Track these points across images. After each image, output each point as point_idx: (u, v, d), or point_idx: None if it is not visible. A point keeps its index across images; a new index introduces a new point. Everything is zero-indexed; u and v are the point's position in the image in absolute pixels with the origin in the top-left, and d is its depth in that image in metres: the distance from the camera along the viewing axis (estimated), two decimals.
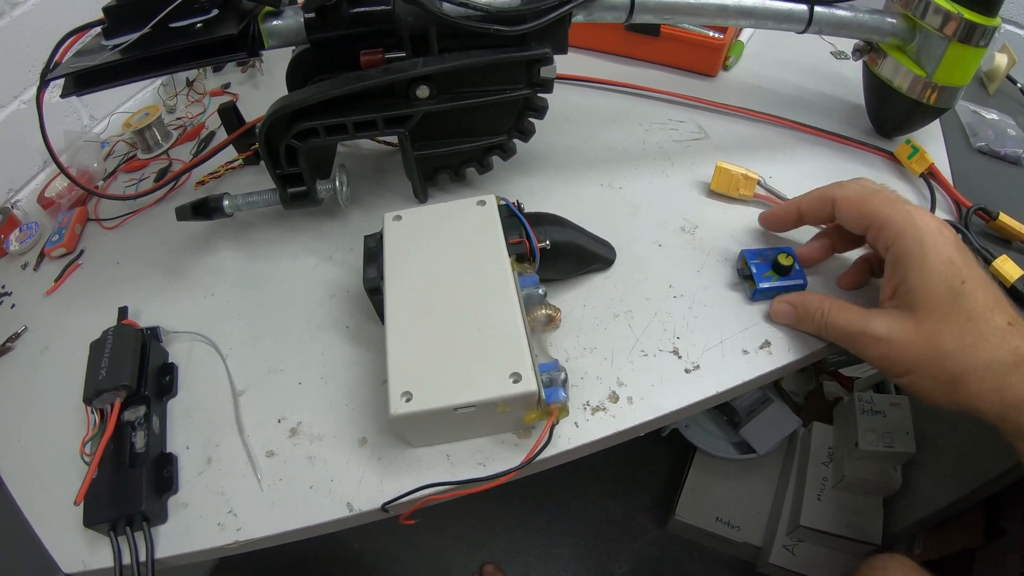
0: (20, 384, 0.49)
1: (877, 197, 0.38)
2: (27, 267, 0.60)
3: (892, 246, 0.36)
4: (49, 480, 0.42)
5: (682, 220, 0.51)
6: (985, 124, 0.62)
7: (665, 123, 0.61)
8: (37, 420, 0.46)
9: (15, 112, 0.66)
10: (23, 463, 0.44)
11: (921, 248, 0.34)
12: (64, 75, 0.45)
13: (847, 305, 0.38)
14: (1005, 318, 0.33)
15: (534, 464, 0.33)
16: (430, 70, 0.42)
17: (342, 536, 1.14)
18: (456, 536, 1.14)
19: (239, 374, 0.44)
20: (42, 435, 0.45)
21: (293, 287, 0.50)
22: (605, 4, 0.45)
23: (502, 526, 1.15)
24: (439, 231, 0.41)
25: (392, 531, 1.15)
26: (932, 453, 0.87)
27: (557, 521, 1.15)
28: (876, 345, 0.35)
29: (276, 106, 0.44)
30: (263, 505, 0.37)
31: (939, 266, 0.33)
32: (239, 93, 0.76)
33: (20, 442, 0.45)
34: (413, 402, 0.32)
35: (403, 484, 0.36)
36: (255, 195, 0.50)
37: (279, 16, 0.44)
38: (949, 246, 0.34)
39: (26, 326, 0.53)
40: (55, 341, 0.51)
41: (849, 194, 0.39)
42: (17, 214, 0.66)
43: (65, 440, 0.43)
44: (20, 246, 0.61)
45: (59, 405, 0.46)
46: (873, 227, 0.37)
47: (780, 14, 0.49)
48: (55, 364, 0.49)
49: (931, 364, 0.33)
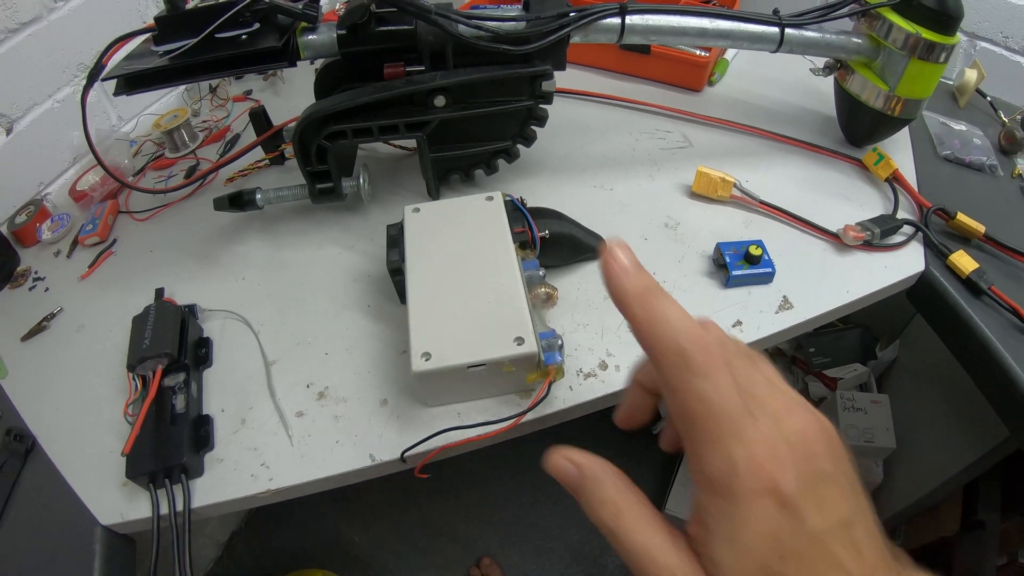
0: (57, 359, 0.53)
1: (711, 395, 0.23)
2: (59, 255, 0.64)
3: (700, 487, 0.23)
4: (85, 443, 0.46)
5: (666, 217, 0.57)
6: (953, 134, 0.67)
7: (653, 133, 0.67)
8: (74, 391, 0.50)
9: (49, 110, 0.70)
10: (61, 429, 0.47)
11: (733, 507, 0.22)
12: (118, 76, 0.49)
13: (648, 514, 0.25)
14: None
15: (536, 421, 0.38)
16: (447, 83, 0.48)
17: (344, 529, 1.17)
18: (453, 530, 1.18)
19: (270, 347, 0.49)
20: (78, 404, 0.49)
21: (319, 272, 0.55)
22: (599, 27, 0.51)
23: (497, 521, 1.18)
24: (453, 221, 0.46)
25: (392, 525, 1.18)
26: (911, 447, 0.92)
27: (550, 516, 1.18)
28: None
29: (310, 110, 0.49)
30: (293, 458, 0.42)
31: (754, 543, 0.22)
32: (261, 99, 0.81)
33: (57, 410, 0.49)
34: (432, 361, 0.37)
35: (419, 437, 0.41)
36: (285, 190, 0.56)
37: (314, 31, 0.49)
38: (768, 514, 0.22)
39: (61, 307, 0.57)
40: (90, 320, 0.55)
41: (678, 384, 0.24)
42: (48, 206, 0.70)
43: (101, 407, 0.47)
44: (52, 235, 0.65)
45: (96, 376, 0.50)
46: (686, 445, 0.24)
47: (754, 35, 0.55)
48: (91, 341, 0.53)
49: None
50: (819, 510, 0.23)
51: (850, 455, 0.24)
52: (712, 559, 0.23)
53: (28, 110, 0.68)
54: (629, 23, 0.51)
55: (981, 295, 0.51)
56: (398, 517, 1.20)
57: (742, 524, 0.22)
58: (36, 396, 0.50)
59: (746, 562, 0.22)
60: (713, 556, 0.23)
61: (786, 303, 0.49)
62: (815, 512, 0.22)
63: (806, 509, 0.22)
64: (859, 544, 0.23)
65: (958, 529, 0.80)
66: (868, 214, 0.56)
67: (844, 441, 0.25)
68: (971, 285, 0.51)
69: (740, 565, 0.22)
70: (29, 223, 0.66)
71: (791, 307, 0.49)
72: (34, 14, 0.66)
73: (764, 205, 0.56)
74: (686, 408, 0.23)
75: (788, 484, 0.22)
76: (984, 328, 0.49)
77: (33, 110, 0.69)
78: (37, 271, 0.63)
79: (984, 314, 0.50)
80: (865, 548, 0.23)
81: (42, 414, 0.48)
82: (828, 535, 0.23)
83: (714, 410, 0.23)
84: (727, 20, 0.53)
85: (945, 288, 0.52)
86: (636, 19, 0.51)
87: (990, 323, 0.49)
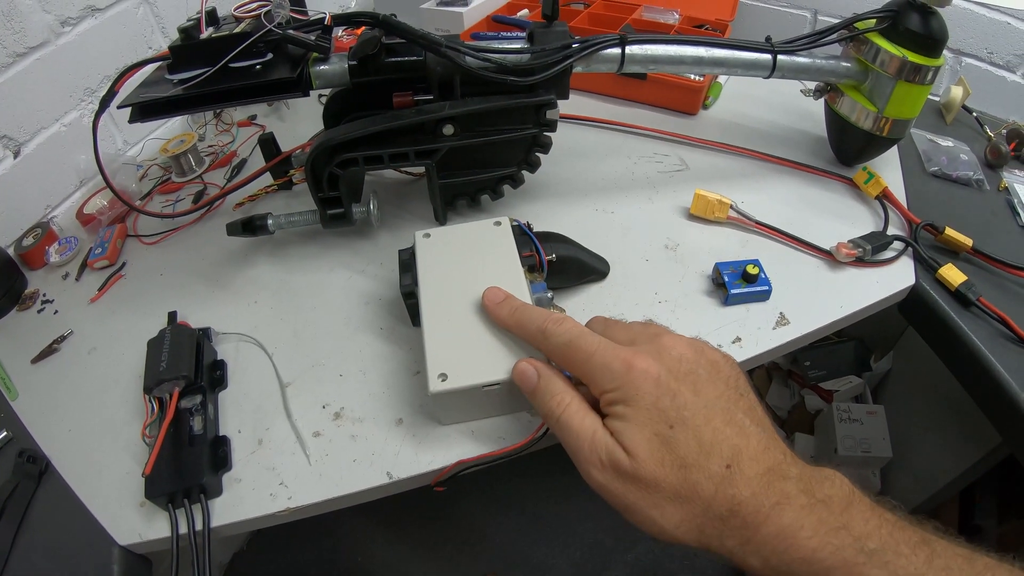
0: (69, 381, 0.53)
1: (578, 352, 0.34)
2: (68, 277, 0.65)
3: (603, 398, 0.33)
4: (101, 464, 0.46)
5: (666, 239, 0.59)
6: (940, 151, 0.70)
7: (651, 156, 0.70)
8: (87, 412, 0.50)
9: (56, 134, 0.71)
10: (75, 451, 0.47)
11: (624, 399, 0.31)
12: (132, 104, 0.50)
13: (581, 407, 0.34)
14: (723, 461, 0.29)
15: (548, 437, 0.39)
16: (455, 112, 0.50)
17: (346, 547, 1.17)
18: (456, 546, 1.18)
19: (285, 369, 0.50)
20: (92, 425, 0.49)
21: (330, 295, 0.56)
22: (600, 57, 0.53)
23: (500, 538, 1.18)
24: (463, 246, 0.48)
25: (394, 542, 1.18)
26: (907, 455, 0.93)
27: (553, 533, 1.19)
28: (598, 471, 0.31)
29: (322, 139, 0.51)
30: (311, 477, 0.43)
31: (643, 415, 0.31)
32: (265, 124, 0.83)
33: (71, 432, 0.49)
34: (448, 381, 0.39)
35: (435, 455, 0.42)
36: (296, 215, 0.57)
37: (325, 62, 0.51)
38: (658, 385, 0.31)
39: (72, 330, 0.58)
40: (101, 343, 0.56)
41: (553, 348, 0.36)
42: (55, 228, 0.71)
43: (116, 429, 0.48)
44: (60, 258, 0.66)
45: (109, 398, 0.50)
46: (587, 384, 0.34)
47: (748, 63, 0.57)
48: (103, 363, 0.54)
49: (652, 508, 0.30)
50: (694, 392, 0.31)
51: (743, 380, 0.33)
52: (623, 437, 0.31)
53: (35, 133, 0.69)
54: (629, 53, 0.53)
55: (970, 307, 0.53)
56: (400, 537, 1.19)
57: (633, 405, 0.31)
58: (48, 418, 0.50)
59: (643, 430, 0.30)
60: (623, 437, 0.31)
61: (783, 319, 0.51)
62: (690, 393, 0.31)
63: (679, 391, 0.31)
64: (743, 425, 0.31)
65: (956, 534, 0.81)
66: (860, 231, 0.58)
67: (737, 370, 0.34)
68: (960, 297, 0.53)
69: (640, 435, 0.30)
70: (37, 245, 0.67)
71: (788, 323, 0.51)
72: (42, 39, 0.67)
73: (760, 225, 0.58)
74: (564, 357, 0.35)
75: (661, 372, 0.31)
76: (974, 338, 0.50)
77: (40, 133, 0.70)
78: (45, 294, 0.63)
79: (974, 325, 0.51)
80: (750, 429, 0.30)
81: (55, 436, 0.49)
82: (707, 410, 0.31)
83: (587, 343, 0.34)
84: (722, 48, 0.55)
85: (935, 301, 0.53)
86: (636, 49, 0.53)
87: (980, 333, 0.51)
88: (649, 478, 0.29)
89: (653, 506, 0.30)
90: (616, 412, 0.32)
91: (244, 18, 0.50)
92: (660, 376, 0.31)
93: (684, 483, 0.29)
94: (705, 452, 0.29)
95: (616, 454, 0.31)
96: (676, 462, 0.29)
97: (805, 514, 0.27)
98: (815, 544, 0.27)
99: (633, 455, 0.30)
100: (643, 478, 0.30)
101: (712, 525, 0.29)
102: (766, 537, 0.28)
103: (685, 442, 0.30)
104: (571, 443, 0.33)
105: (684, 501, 0.29)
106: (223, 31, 0.49)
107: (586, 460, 0.32)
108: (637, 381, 0.31)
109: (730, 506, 0.28)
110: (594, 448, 0.31)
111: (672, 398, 0.31)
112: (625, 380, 0.31)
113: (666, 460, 0.30)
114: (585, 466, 0.32)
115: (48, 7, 0.67)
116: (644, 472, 0.30)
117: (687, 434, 0.30)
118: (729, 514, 0.28)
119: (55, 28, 0.69)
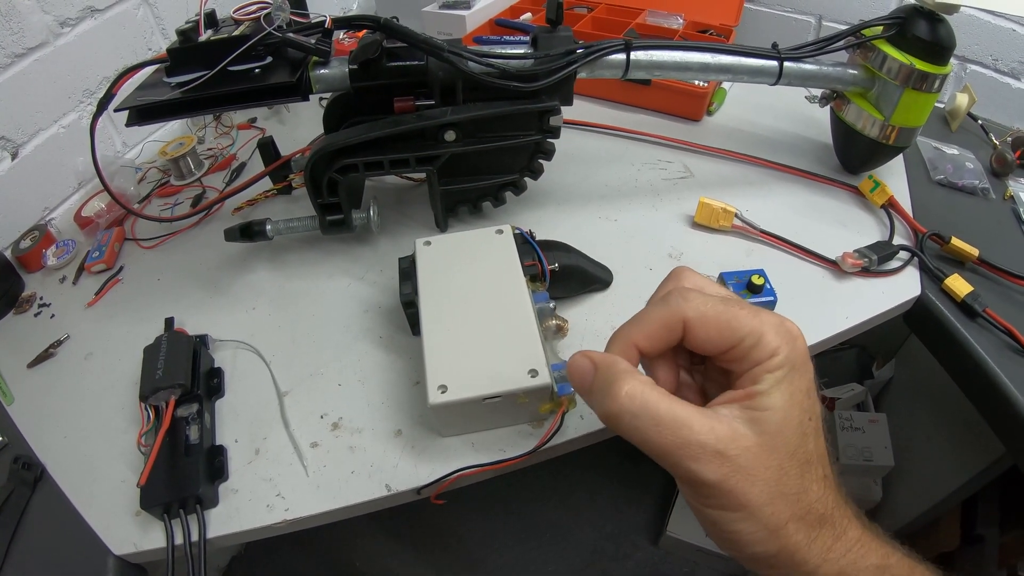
0: (65, 387, 0.53)
1: (740, 311, 0.29)
2: (65, 281, 0.64)
3: (766, 362, 0.28)
4: (97, 472, 0.45)
5: (669, 248, 0.58)
6: (945, 159, 0.69)
7: (655, 163, 0.69)
8: (83, 419, 0.49)
9: (54, 136, 0.71)
10: (70, 458, 0.47)
11: (792, 369, 0.27)
12: (130, 107, 0.50)
13: (665, 392, 0.27)
14: (823, 469, 0.28)
15: (549, 450, 0.38)
16: (458, 118, 0.49)
17: (345, 554, 1.16)
18: (456, 554, 1.17)
19: (283, 377, 0.50)
20: (88, 432, 0.48)
21: (329, 303, 0.56)
22: (605, 63, 0.52)
23: (499, 545, 1.17)
24: (464, 254, 0.47)
25: (393, 548, 1.17)
26: (909, 464, 0.93)
27: (553, 539, 1.18)
28: (707, 460, 0.25)
29: (322, 144, 0.50)
30: (309, 488, 0.42)
31: (799, 396, 0.27)
32: (265, 127, 0.82)
33: (66, 439, 0.48)
34: (448, 393, 0.38)
35: (434, 468, 0.42)
36: (295, 221, 0.57)
37: (326, 65, 0.50)
38: (811, 373, 0.28)
39: (68, 334, 0.57)
40: (98, 348, 0.55)
41: (706, 311, 0.29)
42: (52, 231, 0.71)
43: (112, 436, 0.47)
44: (58, 261, 0.66)
45: (106, 405, 0.50)
46: (743, 345, 0.28)
47: (754, 69, 0.57)
48: (99, 369, 0.53)
49: (766, 505, 0.26)
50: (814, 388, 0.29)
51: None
52: (767, 404, 0.27)
53: (33, 135, 0.69)
54: (634, 59, 0.52)
55: (976, 318, 0.52)
56: (398, 542, 1.19)
57: (799, 375, 0.27)
58: (44, 424, 0.50)
59: (794, 413, 0.27)
60: (770, 402, 0.27)
61: None
62: (814, 388, 0.29)
63: (812, 387, 0.28)
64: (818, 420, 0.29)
65: (958, 544, 0.81)
66: (865, 240, 0.57)
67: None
68: (966, 308, 0.52)
69: (790, 412, 0.27)
70: (35, 248, 0.66)
71: None
72: (40, 40, 0.67)
73: (764, 234, 0.58)
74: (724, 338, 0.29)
75: (807, 361, 0.28)
76: (980, 350, 0.50)
77: (39, 135, 0.69)
78: (43, 297, 0.63)
79: (979, 336, 0.51)
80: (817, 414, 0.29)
81: (51, 442, 0.48)
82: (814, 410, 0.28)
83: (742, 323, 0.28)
84: (728, 55, 0.55)
85: (941, 311, 0.53)
86: (640, 55, 0.53)
87: (985, 345, 0.50)
88: (778, 464, 0.26)
89: (770, 500, 0.26)
90: (775, 379, 0.27)
91: (243, 20, 0.49)
92: (808, 369, 0.28)
93: (804, 477, 0.27)
94: (821, 455, 0.28)
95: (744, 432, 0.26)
96: (804, 456, 0.27)
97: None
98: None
99: (777, 432, 0.26)
100: (773, 464, 0.26)
101: (803, 532, 0.27)
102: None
103: (816, 439, 0.28)
104: (666, 439, 0.26)
105: (798, 498, 0.27)
106: (222, 34, 0.49)
107: (684, 456, 0.26)
108: (804, 353, 0.28)
109: (822, 512, 0.27)
110: (715, 434, 0.26)
111: (813, 395, 0.28)
112: (792, 347, 0.27)
113: (798, 451, 0.27)
114: (681, 462, 0.26)
115: (47, 8, 0.67)
116: (774, 459, 0.26)
117: (817, 432, 0.28)
118: (818, 522, 0.27)
119: (54, 29, 0.68)
